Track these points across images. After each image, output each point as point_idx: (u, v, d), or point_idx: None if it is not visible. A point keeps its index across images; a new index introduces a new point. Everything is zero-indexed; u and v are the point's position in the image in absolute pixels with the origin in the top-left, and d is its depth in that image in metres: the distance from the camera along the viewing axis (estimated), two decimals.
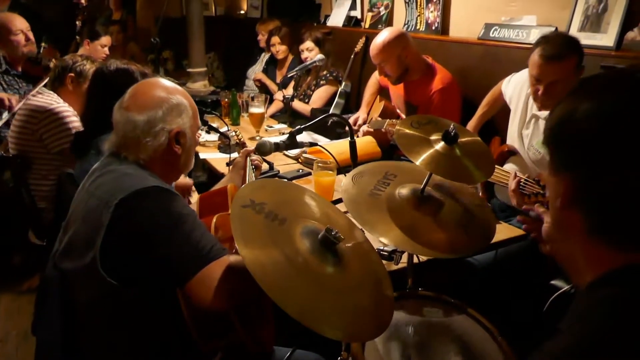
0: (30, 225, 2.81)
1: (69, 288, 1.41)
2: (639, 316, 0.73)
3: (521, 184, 1.96)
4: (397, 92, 3.18)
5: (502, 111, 2.69)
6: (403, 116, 3.17)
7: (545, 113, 2.28)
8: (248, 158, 2.11)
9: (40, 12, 5.28)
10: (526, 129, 2.41)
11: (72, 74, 2.70)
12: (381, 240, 1.40)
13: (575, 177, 0.81)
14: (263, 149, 2.03)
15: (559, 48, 2.09)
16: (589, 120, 0.78)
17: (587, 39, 2.55)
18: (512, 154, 2.47)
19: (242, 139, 2.45)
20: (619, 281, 0.78)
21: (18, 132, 2.72)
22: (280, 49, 4.43)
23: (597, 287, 0.80)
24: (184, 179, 2.37)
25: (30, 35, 3.37)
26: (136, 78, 1.96)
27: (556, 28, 2.71)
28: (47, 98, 2.69)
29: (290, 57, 4.50)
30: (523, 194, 1.97)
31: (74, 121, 2.66)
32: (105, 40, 3.97)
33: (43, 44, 3.73)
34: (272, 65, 4.69)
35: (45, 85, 2.77)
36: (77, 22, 6.75)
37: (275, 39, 4.41)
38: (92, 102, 2.13)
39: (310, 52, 3.99)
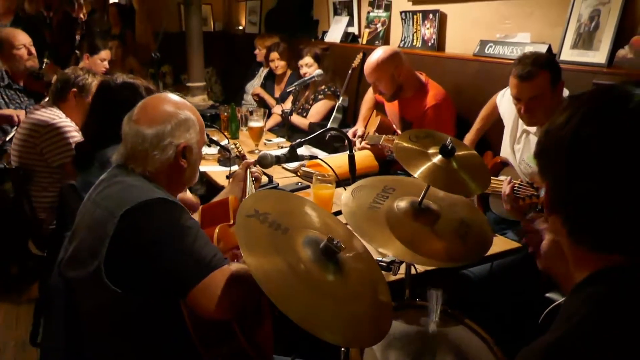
0: (31, 235, 2.83)
1: (73, 296, 1.44)
2: (619, 313, 0.78)
3: (515, 188, 2.03)
4: (392, 108, 3.23)
5: (494, 126, 2.74)
6: (399, 132, 3.22)
7: (535, 128, 2.34)
8: (248, 170, 2.14)
9: (42, 28, 5.34)
10: (517, 143, 2.47)
11: (75, 89, 2.74)
12: (380, 251, 1.44)
13: (552, 184, 0.86)
14: (264, 162, 2.07)
15: (530, 67, 2.20)
16: (560, 130, 0.84)
17: (579, 56, 2.62)
18: (505, 165, 2.53)
19: (242, 152, 2.49)
20: (601, 281, 0.82)
21: (20, 145, 2.75)
22: (279, 64, 4.49)
23: (581, 288, 0.85)
24: (193, 199, 2.38)
25: (33, 49, 3.41)
26: (141, 93, 2.00)
27: (549, 45, 2.77)
28: (49, 112, 2.72)
29: (289, 72, 4.56)
30: (517, 197, 2.04)
31: (75, 136, 2.69)
32: (105, 54, 4.03)
33: (45, 60, 3.77)
34: (271, 80, 4.75)
35: (47, 100, 2.81)
36: (76, 37, 6.82)
37: (275, 55, 4.48)
38: (95, 115, 2.15)
39: (310, 68, 4.05)
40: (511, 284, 2.17)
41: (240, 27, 6.53)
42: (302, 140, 2.17)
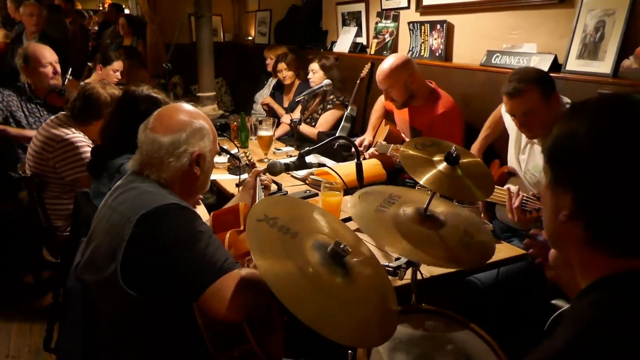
0: (45, 243, 2.88)
1: (90, 300, 1.48)
2: (625, 318, 0.80)
3: (523, 201, 2.06)
4: (401, 116, 3.27)
5: (501, 135, 2.78)
6: (408, 140, 3.25)
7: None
8: (258, 178, 2.19)
9: (67, 46, 5.44)
10: (522, 154, 2.50)
11: (102, 120, 2.66)
12: (387, 254, 1.47)
13: (576, 192, 0.87)
14: (273, 169, 2.11)
15: (516, 84, 2.26)
16: (588, 139, 0.86)
17: (585, 66, 2.65)
18: (512, 175, 2.55)
19: (252, 160, 2.53)
20: (607, 286, 0.85)
21: (34, 157, 2.80)
22: (287, 74, 4.54)
23: (587, 293, 0.87)
24: (202, 211, 2.41)
25: (58, 68, 3.45)
26: (161, 107, 2.05)
27: (555, 55, 2.81)
28: (64, 128, 2.75)
29: (297, 82, 4.61)
30: (525, 210, 2.07)
31: (88, 152, 2.69)
32: (117, 65, 4.10)
33: (68, 76, 3.83)
34: (279, 90, 4.81)
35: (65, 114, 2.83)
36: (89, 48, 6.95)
37: (282, 65, 4.53)
38: (115, 122, 2.20)
39: (315, 75, 4.10)
40: (517, 291, 2.19)
41: (250, 38, 6.62)
42: (311, 148, 2.22)
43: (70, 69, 4.00)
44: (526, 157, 2.48)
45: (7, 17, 5.89)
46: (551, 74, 2.71)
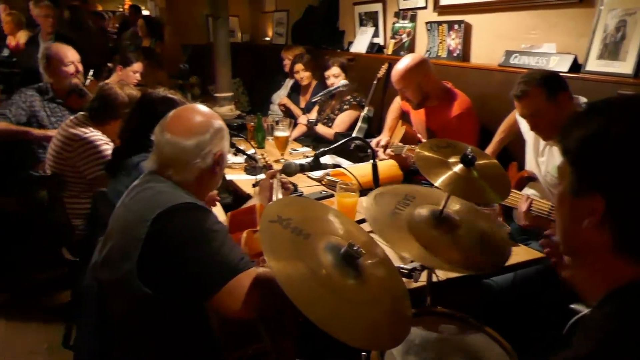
0: (64, 242, 2.92)
1: (105, 298, 1.50)
2: None
3: (532, 205, 2.12)
4: (417, 117, 3.25)
5: (516, 138, 2.75)
6: (424, 141, 3.23)
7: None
8: (275, 179, 2.19)
9: (87, 46, 5.51)
10: (541, 156, 2.48)
11: (120, 119, 2.71)
12: (402, 256, 1.46)
13: (606, 197, 0.82)
14: (288, 170, 2.12)
15: (521, 86, 2.30)
16: (620, 142, 0.81)
17: (605, 67, 2.61)
18: (531, 179, 2.52)
19: (268, 162, 2.53)
20: (630, 295, 0.82)
21: (54, 157, 2.84)
22: (304, 75, 4.54)
23: (608, 301, 0.84)
24: (218, 211, 2.43)
25: (80, 67, 3.49)
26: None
27: (575, 56, 2.77)
28: (83, 127, 2.78)
29: (314, 83, 4.61)
30: (532, 213, 2.14)
31: (107, 149, 2.74)
32: (137, 66, 4.13)
33: (90, 77, 3.87)
34: (296, 91, 4.81)
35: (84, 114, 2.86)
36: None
37: (299, 66, 4.53)
38: (132, 124, 2.22)
39: (337, 78, 4.09)
40: (534, 294, 2.16)
41: (267, 39, 6.64)
42: (326, 149, 2.21)
43: (92, 70, 4.04)
44: (545, 159, 2.46)
45: (30, 18, 5.98)
46: (571, 75, 2.69)
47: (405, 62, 3.02)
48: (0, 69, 5.47)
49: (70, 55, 3.44)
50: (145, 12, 9.00)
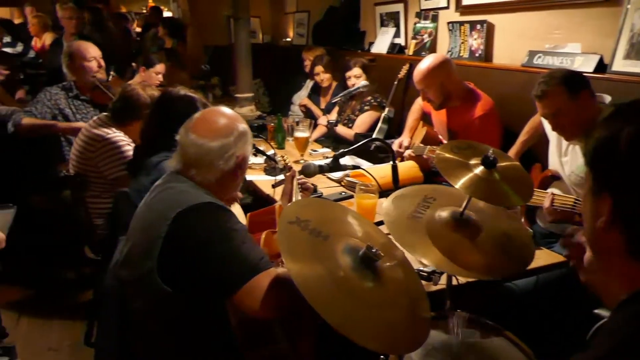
0: (86, 240, 2.96)
1: (126, 297, 1.52)
2: None
3: (554, 201, 2.11)
4: (439, 118, 3.22)
5: (541, 139, 2.70)
6: (445, 142, 3.20)
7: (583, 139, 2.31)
8: (295, 181, 2.19)
9: (110, 44, 5.61)
10: (565, 156, 2.44)
11: (141, 121, 2.75)
12: (421, 261, 1.45)
13: (616, 198, 0.83)
14: (307, 171, 2.11)
15: (541, 86, 2.28)
16: (630, 143, 0.81)
17: (632, 67, 2.55)
18: (555, 178, 2.49)
19: (288, 163, 2.53)
20: None
21: (77, 157, 2.87)
22: (324, 77, 4.53)
23: (627, 304, 0.83)
24: (238, 211, 2.43)
25: (102, 62, 3.53)
26: (198, 107, 2.09)
27: (601, 56, 2.71)
28: (105, 128, 2.81)
29: (334, 84, 4.60)
30: (555, 208, 2.14)
31: (129, 150, 2.76)
32: (160, 67, 4.18)
33: (112, 73, 3.92)
34: (316, 92, 4.80)
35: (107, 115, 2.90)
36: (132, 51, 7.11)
37: (319, 68, 4.52)
38: (153, 122, 2.24)
39: (358, 79, 4.08)
40: (557, 299, 2.13)
41: (288, 39, 6.65)
42: (345, 150, 2.21)
43: (113, 67, 4.08)
44: (569, 159, 2.42)
45: (57, 20, 6.09)
46: (596, 75, 2.64)
47: (427, 61, 3.00)
48: (26, 70, 5.57)
49: (92, 51, 3.49)
50: (167, 14, 9.10)
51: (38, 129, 3.34)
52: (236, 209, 2.30)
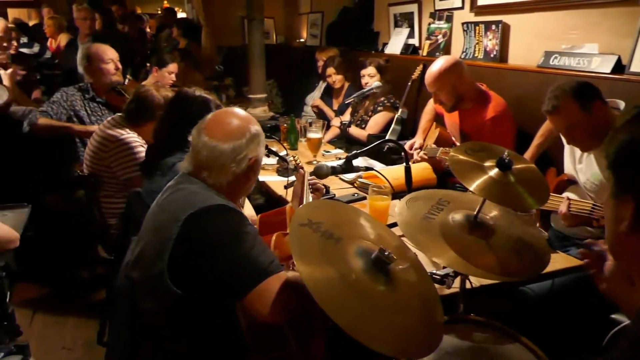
0: (100, 240, 2.97)
1: (137, 297, 1.51)
2: None
3: (571, 207, 2.06)
4: (451, 119, 3.19)
5: (556, 142, 2.67)
6: (458, 144, 3.17)
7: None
8: (305, 181, 2.18)
9: (127, 46, 5.65)
10: (579, 163, 2.40)
11: (155, 121, 2.76)
12: (434, 263, 1.43)
13: (636, 199, 0.82)
14: (320, 172, 2.10)
15: (552, 101, 2.22)
16: None
17: None
18: (571, 183, 2.45)
19: (299, 163, 2.52)
20: None
21: (91, 157, 2.89)
22: (336, 78, 4.51)
23: None
24: (249, 211, 2.42)
25: (119, 65, 3.56)
26: (211, 108, 2.08)
27: (618, 56, 2.67)
28: (119, 128, 2.83)
29: (346, 85, 4.58)
30: (573, 214, 2.09)
31: (142, 152, 2.77)
32: (172, 67, 4.19)
33: (128, 77, 3.95)
34: (329, 93, 4.79)
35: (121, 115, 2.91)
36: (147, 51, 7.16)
37: (331, 70, 4.49)
38: (167, 122, 2.24)
39: (372, 78, 4.05)
40: (573, 303, 2.09)
41: (302, 40, 6.65)
42: (358, 151, 2.19)
43: (130, 70, 4.11)
44: (584, 167, 2.37)
45: (72, 22, 6.15)
46: (614, 76, 2.60)
47: (438, 64, 2.97)
48: (42, 70, 5.62)
49: (110, 53, 3.52)
50: (182, 15, 9.15)
51: (53, 130, 3.37)
52: (248, 209, 2.30)
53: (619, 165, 0.86)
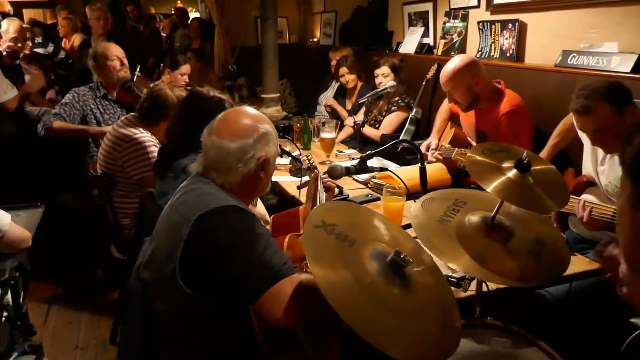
0: (113, 240, 2.98)
1: (149, 299, 1.50)
2: None
3: (592, 212, 2.02)
4: (467, 119, 3.15)
5: (574, 142, 2.61)
6: (474, 144, 3.13)
7: None
8: (319, 181, 2.15)
9: (136, 42, 5.69)
10: (601, 165, 2.34)
11: (168, 120, 2.73)
12: (450, 266, 1.40)
13: None
14: (334, 173, 2.08)
15: (584, 101, 2.11)
16: None
17: None
18: (590, 184, 2.40)
19: (313, 164, 2.50)
20: None
21: (105, 156, 2.89)
22: (349, 78, 4.48)
23: None
24: (261, 210, 2.41)
25: (125, 61, 3.58)
26: (225, 108, 2.06)
27: (638, 55, 2.61)
28: (133, 128, 2.83)
29: (359, 85, 4.55)
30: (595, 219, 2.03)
31: (155, 152, 2.77)
32: (185, 69, 4.20)
33: (137, 73, 3.96)
34: (342, 93, 4.76)
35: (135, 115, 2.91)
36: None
37: (344, 70, 4.46)
38: (181, 122, 2.23)
39: (386, 78, 4.02)
40: (591, 307, 2.05)
41: (315, 40, 6.63)
42: (372, 152, 2.17)
43: (139, 66, 4.13)
44: (606, 169, 2.31)
45: (86, 22, 6.19)
46: (634, 76, 2.54)
47: (453, 63, 2.93)
48: (57, 70, 5.66)
49: (114, 49, 3.56)
50: (195, 14, 9.17)
51: (69, 133, 3.38)
52: (260, 209, 2.28)
53: (638, 172, 0.81)
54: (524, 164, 1.44)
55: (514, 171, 1.46)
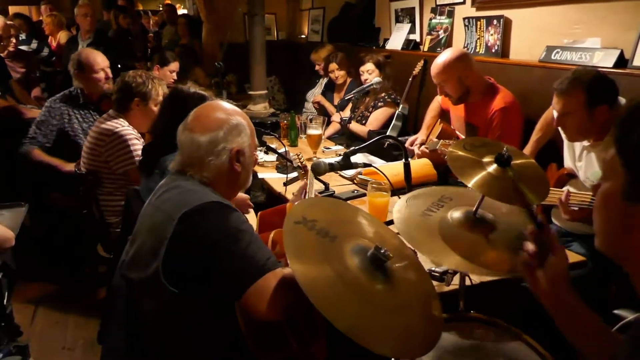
0: (100, 239, 2.96)
1: (134, 297, 1.50)
2: None
3: (570, 198, 2.10)
4: (457, 113, 3.17)
5: (555, 139, 2.64)
6: (462, 137, 3.14)
7: (599, 145, 2.24)
8: (309, 178, 2.15)
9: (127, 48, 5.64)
10: (579, 161, 2.38)
11: (137, 98, 2.83)
12: (432, 260, 1.41)
13: None
14: (318, 169, 2.08)
15: (568, 83, 2.20)
16: None
17: None
18: (571, 177, 2.42)
19: (303, 162, 2.51)
20: None
21: (88, 153, 2.88)
22: (339, 74, 4.49)
23: None
24: (241, 194, 2.41)
25: (109, 73, 3.45)
26: None
27: (621, 50, 2.64)
28: (114, 121, 2.83)
29: (349, 81, 4.56)
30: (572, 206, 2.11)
31: (137, 144, 2.79)
32: (174, 66, 4.18)
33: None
34: (331, 89, 4.77)
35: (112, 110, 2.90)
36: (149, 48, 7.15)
37: (333, 66, 4.48)
38: (164, 121, 2.23)
39: (371, 75, 4.03)
40: None
41: (303, 36, 6.62)
42: (356, 148, 2.17)
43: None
44: (583, 164, 2.36)
45: (73, 19, 6.13)
46: (616, 70, 2.56)
47: (445, 55, 2.94)
48: (41, 67, 5.61)
49: (100, 61, 3.41)
50: (183, 11, 9.13)
51: (43, 165, 3.27)
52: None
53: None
54: (504, 158, 1.45)
55: (495, 166, 1.47)
